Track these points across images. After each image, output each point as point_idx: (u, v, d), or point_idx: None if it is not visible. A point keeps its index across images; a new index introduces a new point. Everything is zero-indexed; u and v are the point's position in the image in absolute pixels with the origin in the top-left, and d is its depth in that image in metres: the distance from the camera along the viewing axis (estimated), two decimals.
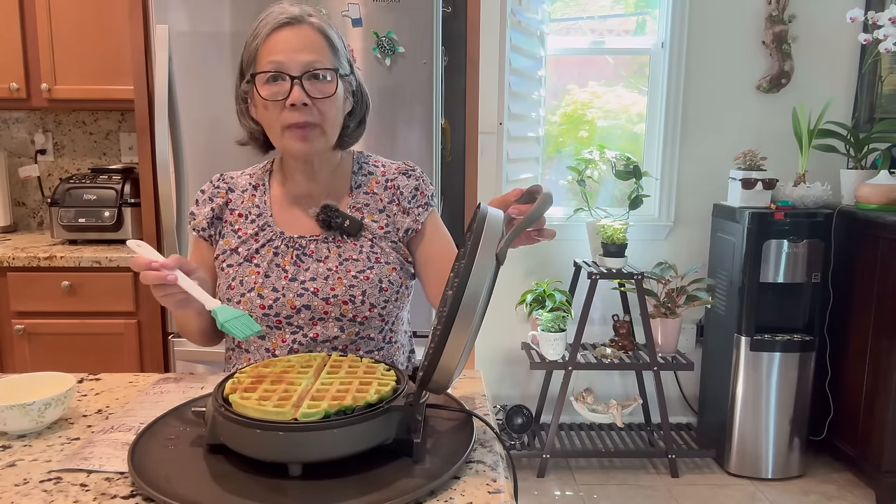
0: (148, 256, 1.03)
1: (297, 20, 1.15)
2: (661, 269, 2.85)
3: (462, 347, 0.84)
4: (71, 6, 2.43)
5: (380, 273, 1.21)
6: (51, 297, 2.29)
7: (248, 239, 1.24)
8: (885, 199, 2.63)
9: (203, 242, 1.29)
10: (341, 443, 0.84)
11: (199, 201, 1.29)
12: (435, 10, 2.10)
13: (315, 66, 1.14)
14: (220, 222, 1.27)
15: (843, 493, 2.67)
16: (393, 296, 1.22)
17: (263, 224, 1.24)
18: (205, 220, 1.26)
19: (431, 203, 1.28)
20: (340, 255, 1.21)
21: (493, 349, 3.10)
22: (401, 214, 1.25)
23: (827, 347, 2.83)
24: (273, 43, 1.14)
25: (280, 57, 1.13)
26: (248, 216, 1.26)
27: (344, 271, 1.19)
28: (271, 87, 1.14)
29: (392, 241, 1.24)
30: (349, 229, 1.21)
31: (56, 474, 0.88)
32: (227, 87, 2.12)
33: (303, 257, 1.21)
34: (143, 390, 1.18)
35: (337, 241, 1.22)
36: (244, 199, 1.27)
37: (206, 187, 1.30)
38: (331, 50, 1.17)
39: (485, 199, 1.10)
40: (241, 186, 1.29)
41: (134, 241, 1.08)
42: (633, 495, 2.65)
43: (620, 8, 3.14)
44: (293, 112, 1.13)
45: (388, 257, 1.23)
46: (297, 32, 1.14)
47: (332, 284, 1.18)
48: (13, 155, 2.88)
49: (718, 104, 3.01)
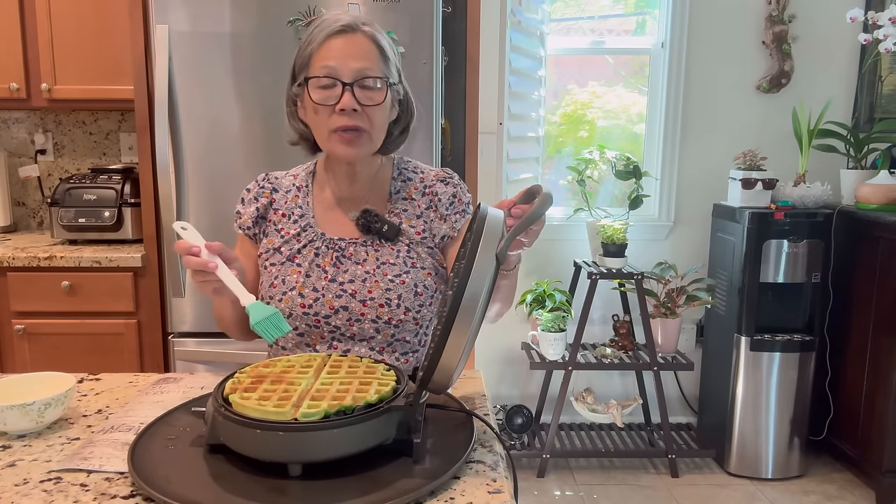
0: (191, 241, 1.03)
1: (350, 28, 1.18)
2: (661, 269, 2.85)
3: (462, 347, 0.84)
4: (71, 6, 2.43)
5: (415, 278, 1.23)
6: (51, 297, 2.29)
7: (291, 239, 1.27)
8: (885, 199, 2.63)
9: (248, 240, 1.32)
10: (341, 443, 0.84)
11: (245, 200, 1.32)
12: (435, 10, 2.10)
13: (366, 73, 1.16)
14: (264, 221, 1.30)
15: (843, 493, 2.67)
16: (427, 300, 1.24)
17: (305, 225, 1.27)
18: (250, 220, 1.30)
19: (468, 210, 1.31)
20: (378, 258, 1.24)
21: (493, 349, 3.10)
22: (438, 221, 1.28)
23: (827, 347, 2.83)
24: (327, 49, 1.16)
25: (333, 63, 1.15)
26: (290, 216, 1.29)
27: (381, 275, 1.22)
28: (323, 92, 1.16)
29: (428, 247, 1.27)
30: (388, 234, 1.24)
31: (56, 474, 0.88)
32: (227, 87, 2.14)
33: (342, 259, 1.24)
34: (143, 390, 1.18)
35: (375, 245, 1.25)
36: (288, 199, 1.30)
37: (252, 186, 1.33)
38: (382, 59, 1.19)
39: (485, 200, 1.10)
40: (284, 187, 1.32)
41: (179, 224, 1.07)
42: (633, 495, 2.65)
43: (620, 8, 3.14)
44: (342, 116, 1.16)
45: (424, 262, 1.25)
46: (350, 40, 1.17)
47: (369, 287, 1.21)
48: (13, 155, 2.88)
49: (718, 104, 3.01)
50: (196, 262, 1.02)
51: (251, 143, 2.14)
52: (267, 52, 2.10)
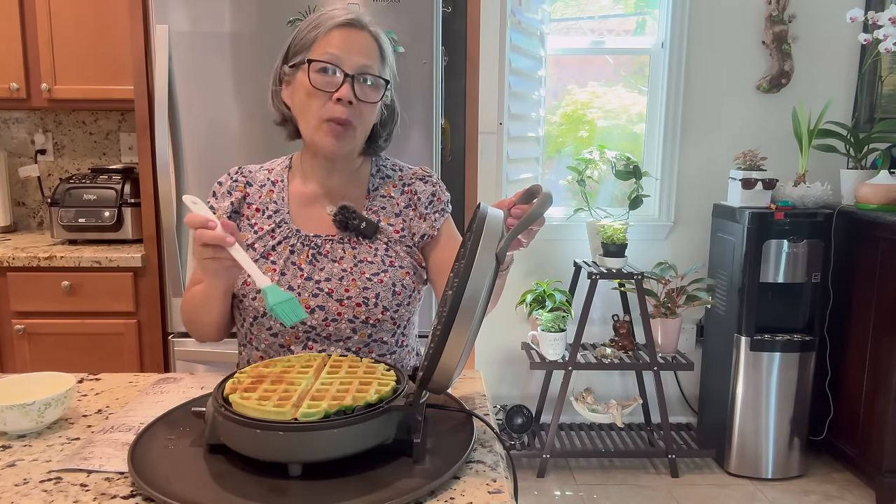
0: (205, 214, 1.01)
1: (358, 24, 1.18)
2: (661, 269, 2.85)
3: (462, 347, 0.84)
4: (71, 6, 2.43)
5: (394, 277, 1.21)
6: (51, 297, 2.29)
7: (265, 235, 1.23)
8: (885, 199, 2.63)
9: None
10: (341, 443, 0.84)
11: (218, 194, 1.28)
12: (435, 10, 2.10)
13: (367, 70, 1.17)
14: (237, 216, 1.26)
15: (843, 493, 2.67)
16: (405, 300, 1.22)
17: (280, 221, 1.24)
18: (224, 214, 1.25)
19: (447, 209, 1.29)
20: (355, 256, 1.21)
21: (493, 349, 3.10)
22: (417, 219, 1.26)
23: (827, 347, 2.83)
24: (333, 37, 1.16)
25: (337, 52, 1.15)
26: (265, 212, 1.25)
27: (358, 273, 1.20)
28: (323, 77, 1.15)
29: (407, 246, 1.25)
30: (366, 231, 1.22)
31: (56, 474, 0.88)
32: (227, 87, 2.14)
33: (318, 257, 1.21)
34: (143, 390, 1.18)
35: (352, 242, 1.23)
36: (262, 193, 1.27)
37: (224, 180, 1.29)
38: (381, 60, 1.20)
39: (485, 200, 1.10)
40: (259, 181, 1.29)
41: (189, 197, 1.04)
42: (633, 495, 2.65)
43: (620, 8, 3.14)
44: (337, 106, 1.15)
45: (403, 261, 1.23)
46: (357, 35, 1.17)
47: (346, 286, 1.19)
48: (13, 155, 2.88)
49: (718, 104, 3.01)
50: (212, 235, 0.99)
51: (251, 143, 2.14)
52: (267, 52, 2.10)
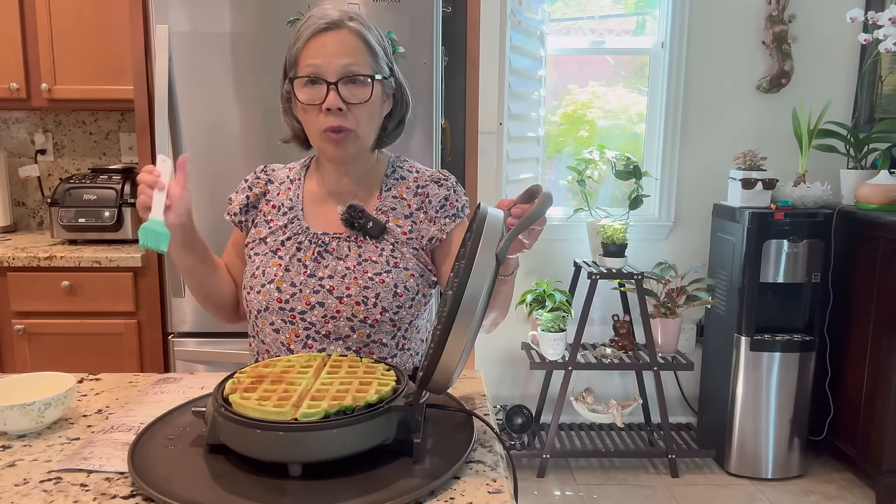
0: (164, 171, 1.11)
1: (336, 25, 1.16)
2: (661, 269, 2.85)
3: (462, 347, 0.84)
4: (71, 6, 2.43)
5: (396, 278, 1.20)
6: (51, 297, 2.29)
7: (277, 230, 1.26)
8: (885, 199, 2.63)
9: (236, 229, 1.34)
10: (341, 443, 0.84)
11: (239, 189, 1.33)
12: (435, 10, 2.10)
13: (352, 70, 1.15)
14: (254, 211, 1.30)
15: (843, 493, 2.67)
16: (407, 302, 1.21)
17: (293, 217, 1.26)
18: (238, 206, 1.31)
19: (461, 214, 1.27)
20: (360, 255, 1.22)
21: (493, 349, 3.10)
22: (427, 222, 1.25)
23: (827, 347, 2.83)
24: (312, 47, 1.16)
25: (318, 61, 1.15)
26: (280, 208, 1.28)
27: (361, 272, 1.20)
28: (309, 91, 1.16)
29: (414, 248, 1.24)
30: (371, 231, 1.22)
31: (56, 474, 0.88)
32: (226, 88, 2.14)
33: (324, 254, 1.22)
34: (143, 390, 1.18)
35: (359, 241, 1.23)
36: (280, 191, 1.30)
37: (250, 177, 1.34)
38: (369, 54, 1.18)
39: (485, 200, 1.10)
40: (279, 179, 1.33)
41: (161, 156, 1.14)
42: (633, 495, 2.65)
43: (620, 8, 3.14)
44: (329, 116, 1.15)
45: (408, 263, 1.23)
46: (335, 37, 1.16)
47: (347, 284, 1.19)
48: (13, 155, 2.88)
49: (718, 104, 3.01)
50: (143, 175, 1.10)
51: (251, 143, 2.14)
52: (267, 52, 2.10)
